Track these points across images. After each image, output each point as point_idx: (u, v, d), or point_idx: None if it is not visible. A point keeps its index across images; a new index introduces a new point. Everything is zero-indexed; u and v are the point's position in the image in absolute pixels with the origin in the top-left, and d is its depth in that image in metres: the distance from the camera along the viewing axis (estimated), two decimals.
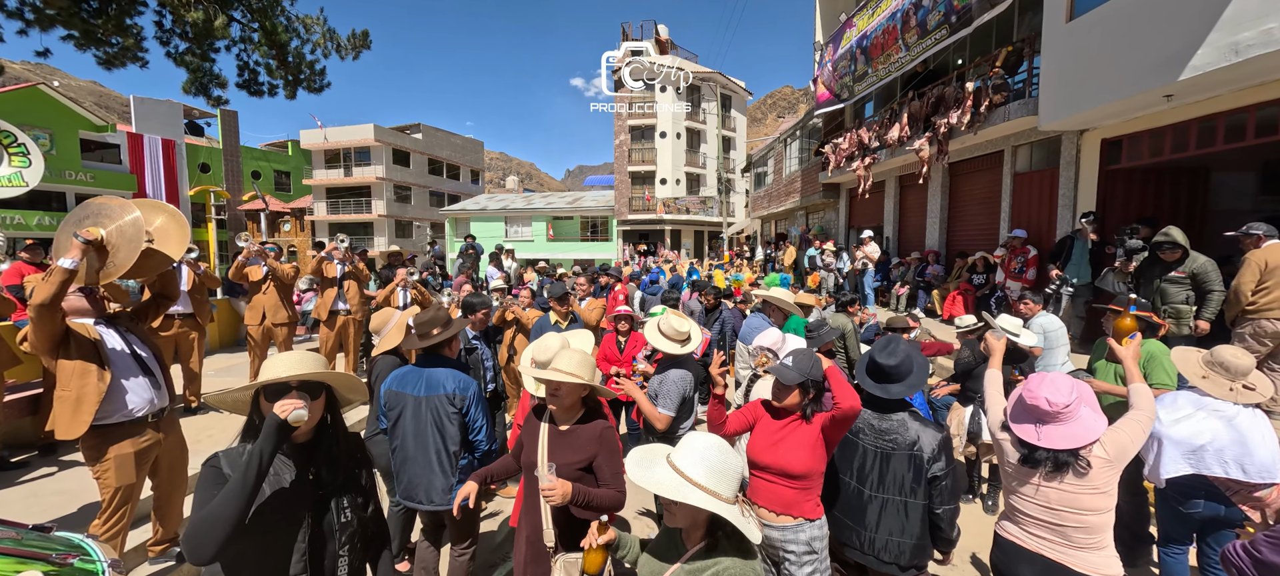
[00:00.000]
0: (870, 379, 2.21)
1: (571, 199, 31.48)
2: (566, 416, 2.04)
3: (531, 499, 2.05)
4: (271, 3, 9.25)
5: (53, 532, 1.44)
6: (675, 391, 2.89)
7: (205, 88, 9.02)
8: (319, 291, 6.01)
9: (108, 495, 2.54)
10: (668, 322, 3.05)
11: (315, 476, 1.56)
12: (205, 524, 1.30)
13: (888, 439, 2.11)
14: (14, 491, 3.31)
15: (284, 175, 33.43)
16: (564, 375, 1.95)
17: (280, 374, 1.50)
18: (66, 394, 2.44)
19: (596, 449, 1.96)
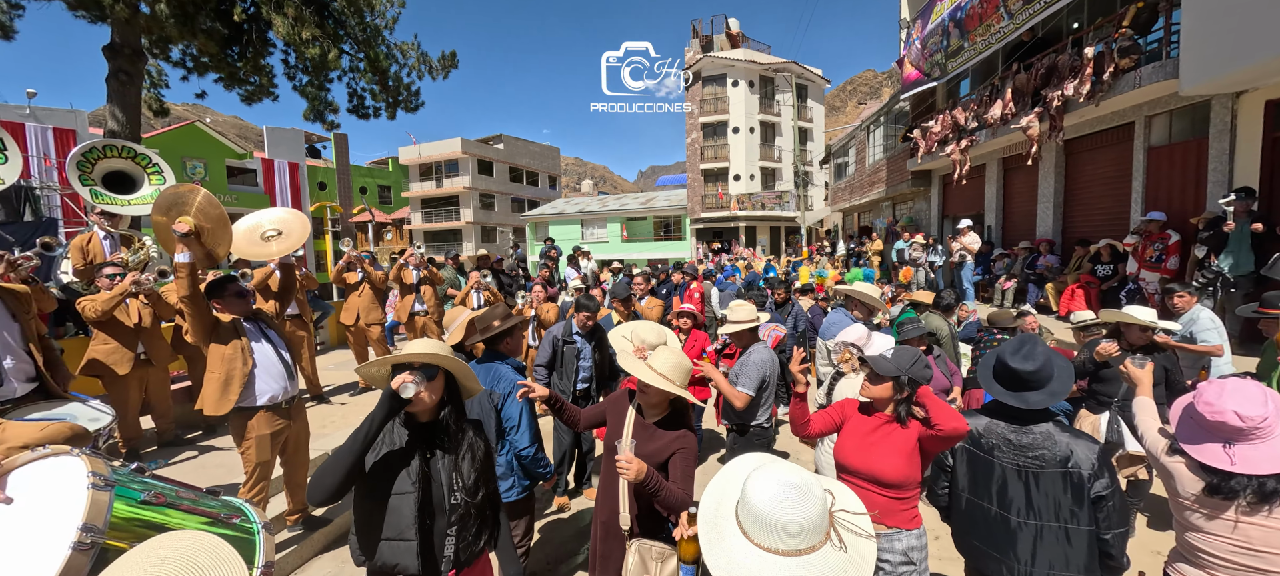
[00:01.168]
0: (1002, 386, 1.89)
1: (644, 199, 31.81)
2: (653, 411, 2.07)
3: (610, 481, 2.10)
4: (375, 33, 10.23)
5: (220, 496, 1.70)
6: (755, 372, 2.90)
7: (321, 114, 10.19)
8: (400, 294, 6.53)
9: (249, 469, 2.95)
10: (737, 308, 3.19)
11: (429, 454, 1.72)
12: (322, 471, 1.55)
13: (1031, 455, 1.78)
14: (186, 463, 3.93)
15: (386, 189, 36.80)
16: (659, 378, 1.95)
17: (415, 353, 1.70)
18: (215, 376, 2.84)
19: (674, 449, 1.96)
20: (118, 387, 3.74)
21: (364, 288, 5.95)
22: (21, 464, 1.37)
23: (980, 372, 2.03)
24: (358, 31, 10.31)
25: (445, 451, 1.75)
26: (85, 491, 1.25)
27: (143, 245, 4.40)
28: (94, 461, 1.34)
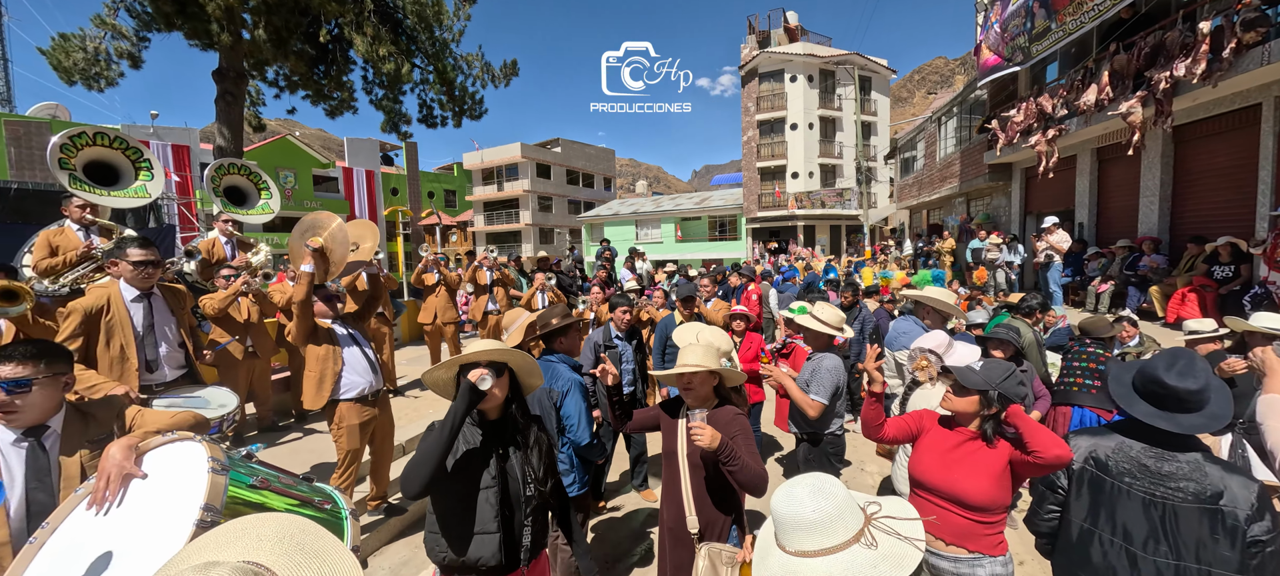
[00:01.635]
0: (1150, 404, 1.64)
1: (699, 199, 31.58)
2: (701, 405, 2.07)
3: (672, 488, 2.11)
4: (443, 47, 10.79)
5: (314, 483, 1.86)
6: (829, 379, 2.80)
7: (396, 125, 10.88)
8: (474, 295, 6.86)
9: (341, 455, 3.20)
10: (825, 309, 3.03)
11: (503, 450, 1.81)
12: (413, 466, 1.65)
13: (1173, 487, 1.55)
14: (280, 448, 4.32)
15: (451, 193, 38.74)
16: (691, 367, 2.02)
17: (478, 351, 1.80)
18: (312, 374, 3.12)
19: (733, 431, 1.96)
20: (229, 376, 4.17)
21: (440, 288, 6.30)
22: (155, 446, 1.55)
23: (1111, 385, 1.79)
24: (428, 45, 10.92)
25: (515, 446, 1.84)
26: (206, 474, 1.40)
27: (259, 250, 4.89)
28: (213, 448, 1.50)
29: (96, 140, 4.61)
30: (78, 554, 1.36)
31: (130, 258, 2.72)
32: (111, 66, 8.92)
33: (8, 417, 1.51)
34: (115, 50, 8.92)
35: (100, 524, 1.40)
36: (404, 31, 10.66)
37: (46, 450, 1.58)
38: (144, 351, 2.76)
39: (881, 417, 2.13)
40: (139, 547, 1.32)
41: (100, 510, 1.41)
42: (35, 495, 1.54)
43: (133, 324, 2.73)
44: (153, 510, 1.40)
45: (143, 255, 2.73)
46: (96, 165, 4.58)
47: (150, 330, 2.80)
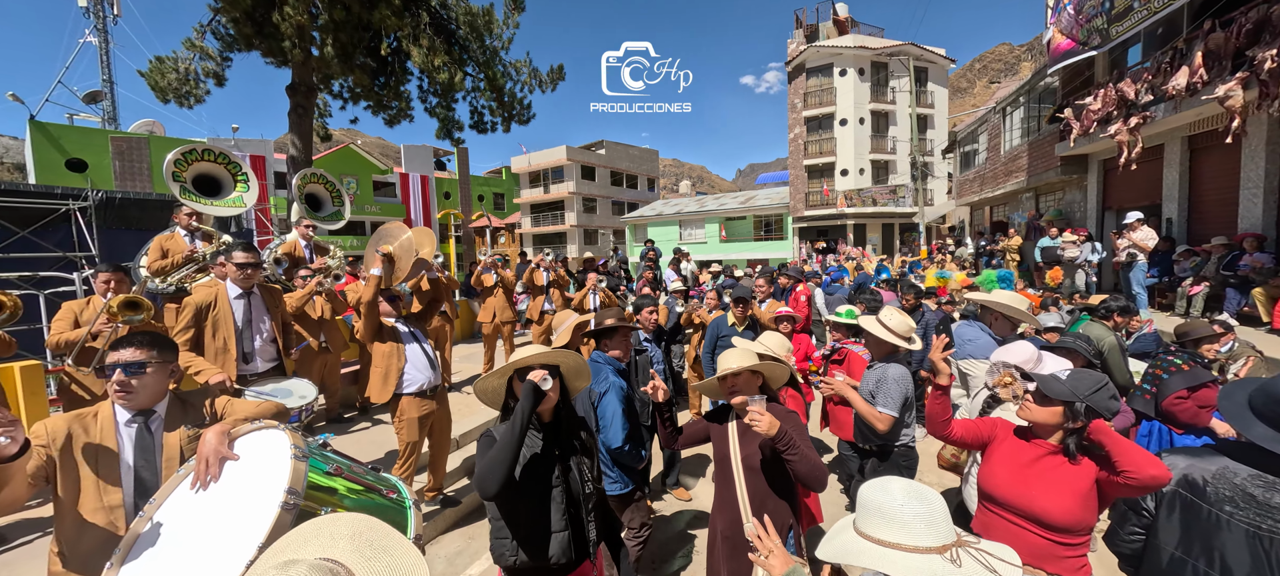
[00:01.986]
0: (1269, 426, 1.45)
1: (743, 199, 31.13)
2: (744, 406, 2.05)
3: (726, 494, 2.08)
4: (493, 55, 11.14)
5: (380, 473, 1.96)
6: (897, 389, 2.66)
7: (449, 131, 11.33)
8: (531, 295, 7.05)
9: (402, 446, 3.37)
10: (893, 315, 2.85)
11: (560, 450, 1.86)
12: (489, 466, 1.67)
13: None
14: (346, 438, 4.59)
15: (499, 196, 39.93)
16: (732, 369, 2.02)
17: (527, 356, 1.84)
18: (378, 369, 3.30)
19: (786, 425, 1.92)
20: (305, 370, 4.47)
21: (497, 289, 6.52)
22: (244, 432, 1.69)
23: (1223, 403, 1.61)
24: (479, 54, 11.31)
25: (571, 446, 1.88)
26: (289, 460, 1.51)
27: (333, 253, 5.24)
28: (294, 436, 1.62)
29: (204, 156, 5.06)
30: (182, 526, 1.49)
31: (236, 260, 2.99)
32: (199, 85, 9.75)
33: (123, 397, 1.68)
34: (202, 70, 9.74)
35: (199, 500, 1.54)
36: (457, 41, 11.10)
37: (152, 432, 1.74)
38: (242, 344, 3.03)
39: (948, 412, 2.01)
40: (232, 524, 1.44)
41: (200, 488, 1.55)
42: (141, 472, 1.71)
43: (234, 319, 3.00)
44: (243, 490, 1.52)
45: (246, 258, 3.01)
46: (203, 177, 5.03)
47: (248, 325, 3.07)
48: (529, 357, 1.84)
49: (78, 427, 1.64)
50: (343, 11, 8.57)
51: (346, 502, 1.64)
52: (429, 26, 10.07)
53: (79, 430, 1.63)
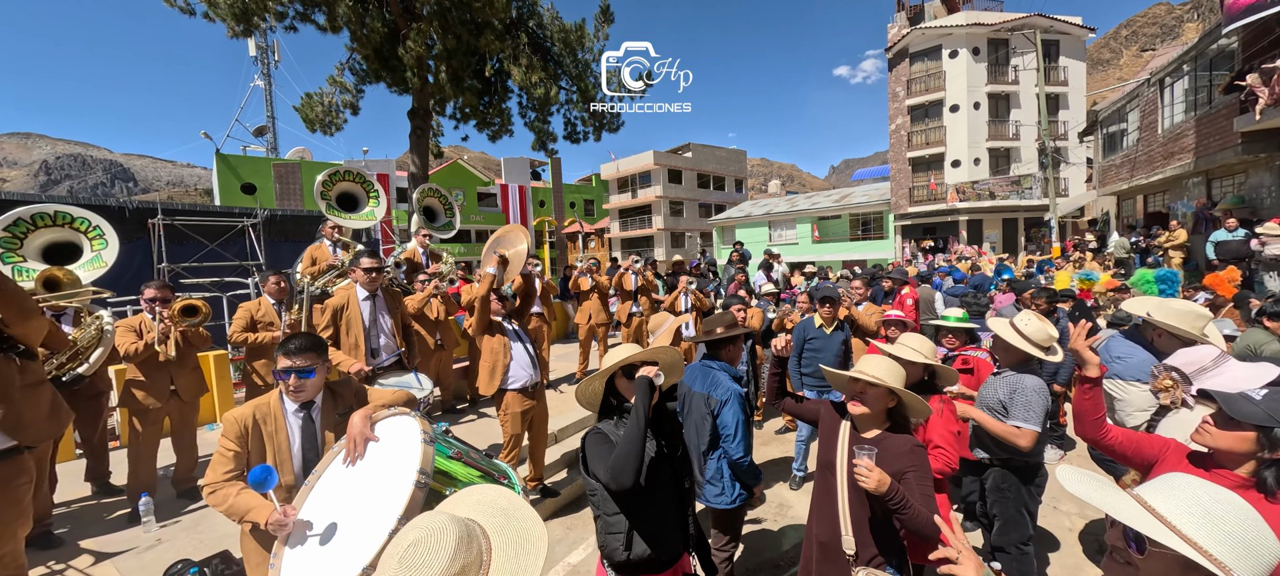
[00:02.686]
0: None
1: (838, 196, 29.50)
2: (868, 423, 1.92)
3: (825, 498, 1.99)
4: (585, 68, 11.63)
5: (493, 459, 2.14)
6: (1037, 401, 2.39)
7: (545, 143, 12.00)
8: (620, 299, 7.23)
9: (506, 438, 3.62)
10: (1031, 321, 2.58)
11: (666, 448, 1.91)
12: (622, 459, 1.65)
13: None
14: (457, 428, 5.02)
15: (589, 202, 41.44)
16: (869, 376, 1.84)
17: (630, 355, 1.91)
18: (486, 364, 3.59)
19: (906, 465, 1.76)
20: (422, 365, 4.98)
21: (593, 292, 6.81)
22: (382, 417, 1.93)
23: None
24: (572, 68, 11.86)
25: (672, 442, 1.93)
26: (419, 443, 1.69)
27: (446, 260, 5.83)
28: (423, 422, 1.81)
29: (345, 176, 5.85)
30: (337, 494, 1.74)
31: (362, 265, 3.42)
32: (339, 115, 11.23)
33: (294, 395, 1.99)
34: (341, 102, 11.21)
35: (350, 473, 1.78)
36: (552, 58, 11.74)
37: (314, 420, 2.04)
38: (370, 341, 3.45)
39: (1100, 409, 1.76)
40: (374, 499, 1.65)
41: (351, 463, 1.80)
42: (307, 453, 2.01)
43: (363, 319, 3.43)
44: (383, 469, 1.74)
45: (371, 264, 3.44)
46: (344, 195, 5.81)
47: (375, 323, 3.50)
48: (632, 356, 1.89)
49: (258, 416, 1.96)
50: (454, 40, 9.42)
51: (464, 485, 1.81)
52: (527, 46, 10.76)
53: (259, 419, 1.95)
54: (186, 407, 3.78)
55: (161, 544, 3.08)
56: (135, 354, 3.48)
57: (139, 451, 3.54)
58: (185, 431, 3.77)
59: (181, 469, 3.76)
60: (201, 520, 3.38)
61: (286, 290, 4.41)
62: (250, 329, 4.14)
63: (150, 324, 3.59)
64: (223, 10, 8.54)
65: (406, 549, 0.99)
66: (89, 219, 4.33)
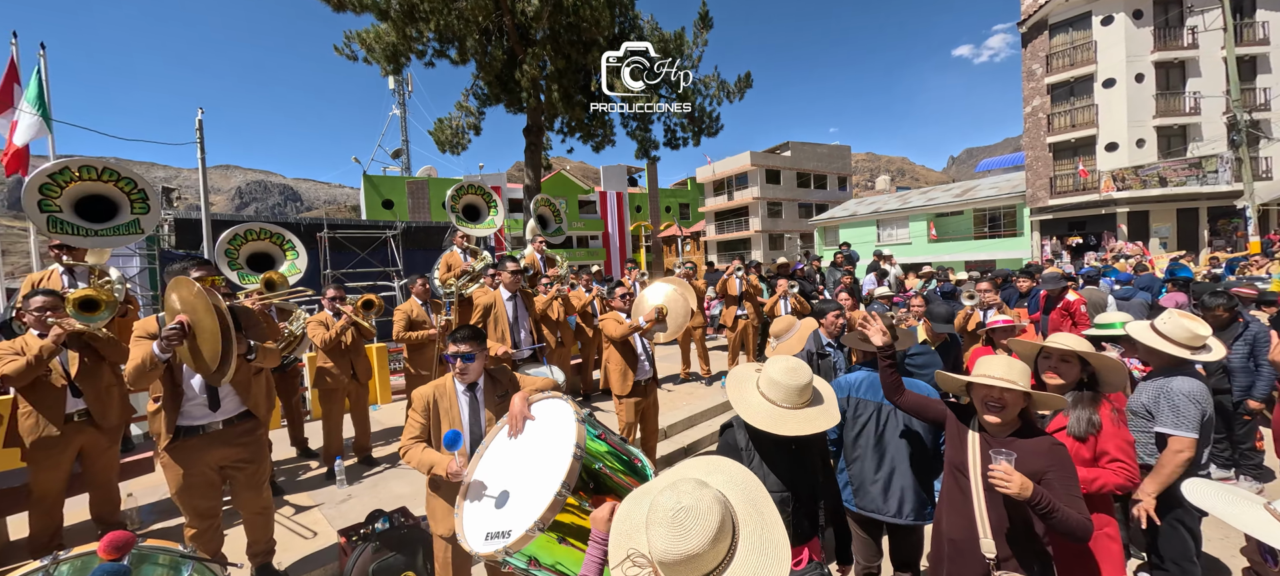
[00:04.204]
0: None
1: (959, 190, 26.79)
2: (1000, 427, 1.85)
3: (955, 499, 1.94)
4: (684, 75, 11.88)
5: (627, 442, 2.36)
6: (1190, 407, 2.15)
7: (647, 150, 12.42)
8: (724, 303, 7.30)
9: (620, 427, 3.92)
10: (1171, 320, 2.34)
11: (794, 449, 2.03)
12: None
13: None
14: None
15: (685, 206, 41.72)
16: (994, 381, 1.78)
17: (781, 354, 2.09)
18: (617, 367, 3.92)
19: (1045, 465, 1.69)
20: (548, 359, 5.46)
21: None
22: (537, 399, 2.22)
23: None
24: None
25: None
26: (575, 422, 1.95)
27: (561, 266, 6.33)
28: (574, 404, 2.08)
29: (470, 191, 6.59)
30: (503, 460, 2.06)
31: (509, 269, 3.92)
32: (465, 135, 12.55)
33: (461, 376, 2.36)
34: (466, 124, 12.53)
35: (513, 445, 2.10)
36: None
37: (479, 399, 2.41)
38: (514, 333, 3.94)
39: None
40: (536, 468, 1.93)
41: (513, 437, 2.11)
42: (473, 426, 2.37)
43: (508, 315, 3.92)
44: (541, 443, 2.02)
45: (516, 266, 3.93)
46: (469, 207, 6.55)
47: (516, 319, 3.97)
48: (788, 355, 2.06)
49: (437, 394, 2.35)
50: (564, 60, 10.12)
51: (606, 462, 2.04)
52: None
53: (437, 396, 2.35)
54: (361, 389, 4.54)
55: (351, 499, 3.74)
56: (324, 344, 4.26)
57: (328, 424, 4.33)
58: (360, 408, 4.53)
59: (360, 439, 4.52)
60: (379, 482, 4.05)
61: (428, 291, 5.12)
62: (410, 328, 4.86)
63: (332, 320, 4.38)
64: (378, 55, 9.99)
65: (676, 512, 1.10)
66: (284, 234, 5.35)
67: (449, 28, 10.16)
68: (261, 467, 2.76)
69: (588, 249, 32.46)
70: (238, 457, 2.63)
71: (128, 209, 3.80)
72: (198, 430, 2.53)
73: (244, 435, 2.66)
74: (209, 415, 2.55)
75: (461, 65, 11.08)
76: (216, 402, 2.56)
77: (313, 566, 2.87)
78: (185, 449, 2.50)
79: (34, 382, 2.87)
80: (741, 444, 2.07)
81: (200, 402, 2.53)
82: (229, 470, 2.63)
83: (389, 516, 2.78)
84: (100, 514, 3.15)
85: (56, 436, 2.90)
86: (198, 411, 2.53)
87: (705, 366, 7.09)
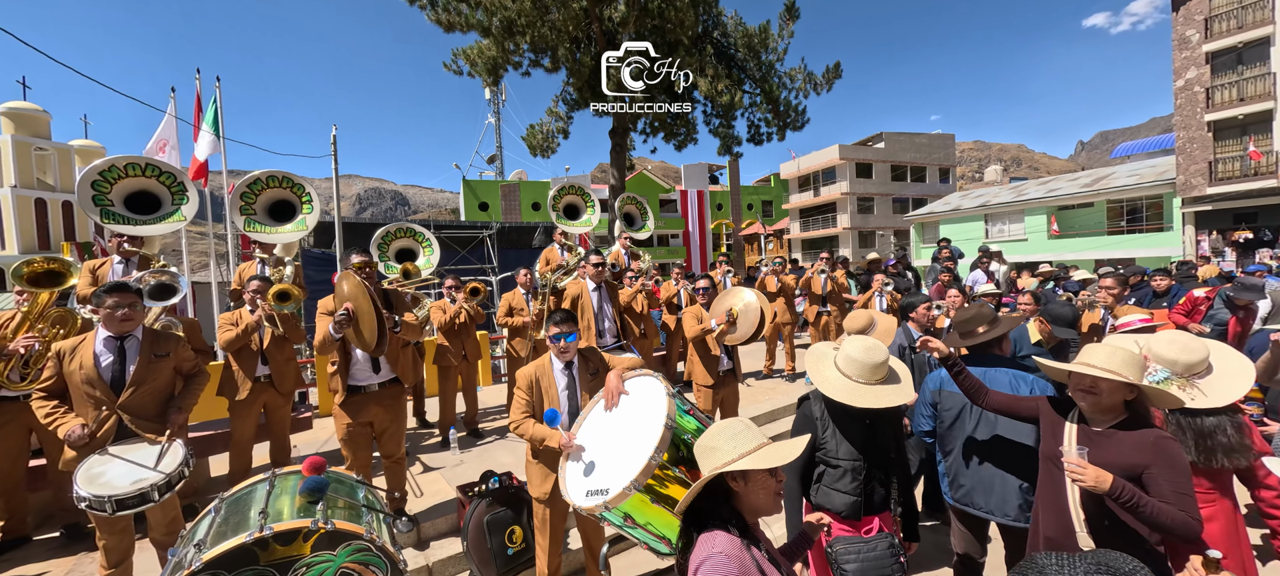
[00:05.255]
0: None
1: (1089, 179, 23.67)
2: (1102, 416, 1.77)
3: (1049, 492, 1.88)
4: (768, 69, 11.70)
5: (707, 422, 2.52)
6: None
7: (729, 147, 12.38)
8: (809, 300, 7.18)
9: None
10: None
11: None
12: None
13: None
14: None
15: (767, 203, 40.65)
16: (1095, 370, 1.70)
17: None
18: (699, 361, 4.07)
19: (1148, 458, 1.60)
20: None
21: (779, 293, 6.99)
22: (630, 376, 2.45)
23: None
24: (755, 71, 12.02)
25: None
26: (666, 397, 2.14)
27: (646, 260, 6.62)
28: (665, 381, 2.27)
29: (569, 191, 7.09)
30: (600, 429, 2.30)
31: (592, 261, 4.21)
32: (555, 139, 13.28)
33: (561, 355, 2.65)
34: (556, 128, 13.25)
35: (609, 417, 2.33)
36: (736, 63, 12.06)
37: (574, 377, 2.68)
38: (598, 322, 4.24)
39: None
40: (631, 436, 2.14)
41: (608, 410, 2.35)
42: (571, 400, 2.65)
43: (593, 304, 4.22)
44: (636, 412, 2.24)
45: (599, 260, 4.20)
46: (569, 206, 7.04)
47: (600, 309, 4.27)
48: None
49: (538, 373, 2.66)
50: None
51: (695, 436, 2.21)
52: (713, 56, 11.28)
53: (538, 374, 2.66)
54: (471, 368, 5.09)
55: (463, 464, 4.25)
56: (442, 325, 4.85)
57: (444, 398, 4.91)
58: (470, 386, 5.08)
59: (470, 412, 5.08)
60: (486, 452, 4.55)
61: (531, 281, 5.60)
62: (510, 314, 5.36)
63: (449, 305, 4.96)
64: (480, 68, 10.91)
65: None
66: (423, 232, 6.12)
67: (542, 39, 10.85)
68: (402, 426, 3.28)
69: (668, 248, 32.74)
70: (386, 416, 3.15)
71: (169, 200, 4.22)
72: (362, 389, 3.08)
73: (392, 398, 3.19)
74: (371, 377, 3.10)
75: (553, 73, 11.77)
76: (377, 367, 3.10)
77: (435, 515, 3.33)
78: (353, 404, 3.06)
79: (239, 349, 3.63)
80: (817, 415, 2.17)
81: (365, 367, 3.08)
82: (378, 427, 3.16)
83: (500, 476, 3.17)
84: (277, 458, 3.88)
85: (249, 393, 3.64)
86: (363, 374, 3.09)
87: (790, 363, 7.02)
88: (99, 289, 2.65)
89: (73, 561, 3.13)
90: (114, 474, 2.25)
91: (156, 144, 9.33)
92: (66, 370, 2.58)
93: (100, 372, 2.58)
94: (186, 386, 2.88)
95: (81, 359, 2.58)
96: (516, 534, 3.06)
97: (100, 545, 2.46)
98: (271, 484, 1.88)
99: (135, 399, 2.62)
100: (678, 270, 7.09)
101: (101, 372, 2.59)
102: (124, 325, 2.64)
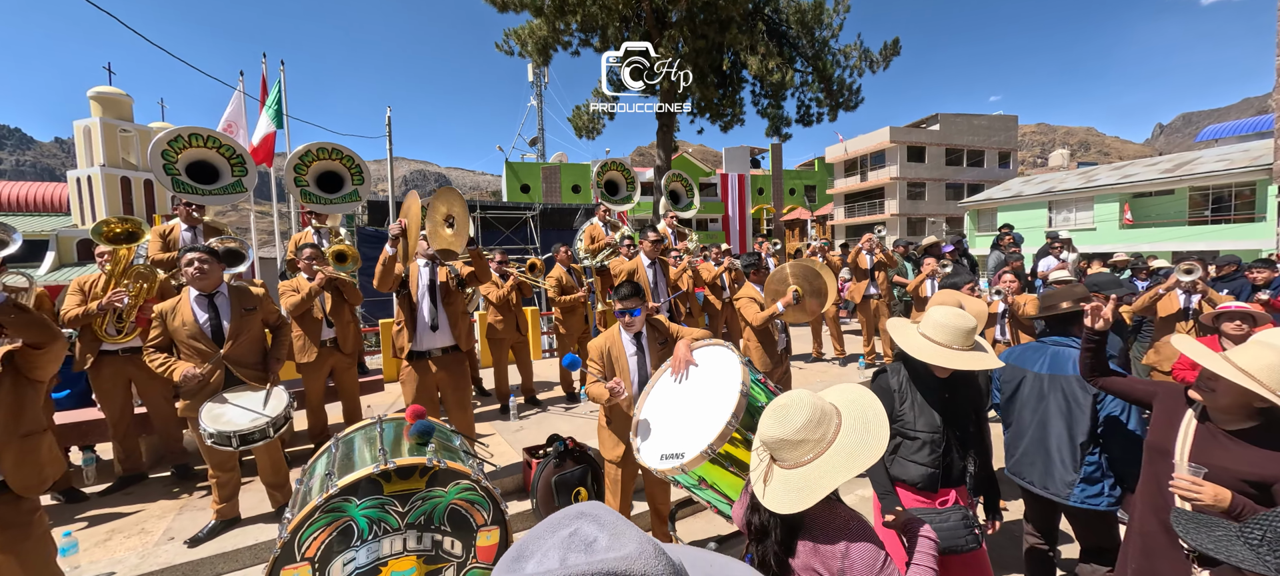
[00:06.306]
0: None
1: (1170, 164, 21.84)
2: (1226, 417, 1.63)
3: (1152, 486, 1.77)
4: (822, 46, 11.28)
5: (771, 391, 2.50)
6: None
7: (778, 128, 12.09)
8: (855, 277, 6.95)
9: None
10: None
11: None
12: None
13: None
14: None
15: (811, 188, 39.55)
16: (1229, 372, 1.52)
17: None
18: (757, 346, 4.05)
19: (1240, 500, 1.48)
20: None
21: None
22: (699, 346, 2.46)
23: None
24: (807, 49, 11.63)
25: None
26: (739, 366, 2.15)
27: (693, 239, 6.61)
28: (736, 351, 2.27)
29: (611, 167, 7.11)
30: (669, 399, 2.33)
31: (649, 237, 4.23)
32: (600, 121, 13.30)
33: (628, 327, 2.69)
34: (602, 110, 13.25)
35: (677, 386, 2.36)
36: (788, 41, 11.69)
37: (644, 347, 2.72)
38: (654, 297, 4.27)
39: None
40: (704, 404, 2.16)
41: (676, 377, 2.37)
42: (640, 369, 2.69)
43: (649, 280, 4.25)
44: (708, 381, 2.26)
45: (655, 237, 4.21)
46: (610, 183, 7.07)
47: (655, 285, 4.29)
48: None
49: (608, 343, 2.71)
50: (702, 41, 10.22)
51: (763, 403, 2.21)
52: (764, 34, 10.97)
53: (608, 345, 2.70)
54: (522, 342, 5.23)
55: (522, 431, 4.40)
56: (497, 300, 5.00)
57: (499, 369, 5.07)
58: (524, 357, 5.23)
59: (526, 382, 5.23)
60: (542, 420, 4.70)
61: (571, 256, 5.67)
62: (562, 293, 5.46)
63: (500, 282, 5.10)
64: (531, 49, 11.01)
65: (777, 406, 1.37)
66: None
67: (592, 18, 10.82)
68: (466, 393, 3.44)
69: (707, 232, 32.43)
70: (449, 380, 3.31)
71: (228, 172, 4.34)
72: (426, 354, 3.24)
73: (454, 364, 3.34)
74: (433, 340, 3.27)
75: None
76: (437, 326, 3.26)
77: (502, 476, 3.47)
78: (419, 366, 3.25)
79: (303, 314, 3.85)
80: (895, 386, 2.14)
81: (426, 327, 3.24)
82: (443, 389, 3.31)
83: (564, 440, 3.27)
84: (351, 419, 4.13)
85: (315, 355, 3.87)
86: (425, 338, 3.24)
87: (838, 347, 6.87)
88: (182, 248, 2.90)
89: (184, 501, 3.43)
90: (232, 414, 2.50)
91: (224, 126, 9.93)
92: (171, 327, 2.81)
93: (201, 327, 2.81)
94: (277, 338, 3.10)
95: (182, 316, 2.81)
96: (582, 494, 3.17)
97: (213, 482, 2.71)
98: (381, 427, 2.03)
99: (236, 349, 2.85)
100: (717, 250, 7.01)
101: (201, 327, 2.81)
102: (204, 281, 2.84)
